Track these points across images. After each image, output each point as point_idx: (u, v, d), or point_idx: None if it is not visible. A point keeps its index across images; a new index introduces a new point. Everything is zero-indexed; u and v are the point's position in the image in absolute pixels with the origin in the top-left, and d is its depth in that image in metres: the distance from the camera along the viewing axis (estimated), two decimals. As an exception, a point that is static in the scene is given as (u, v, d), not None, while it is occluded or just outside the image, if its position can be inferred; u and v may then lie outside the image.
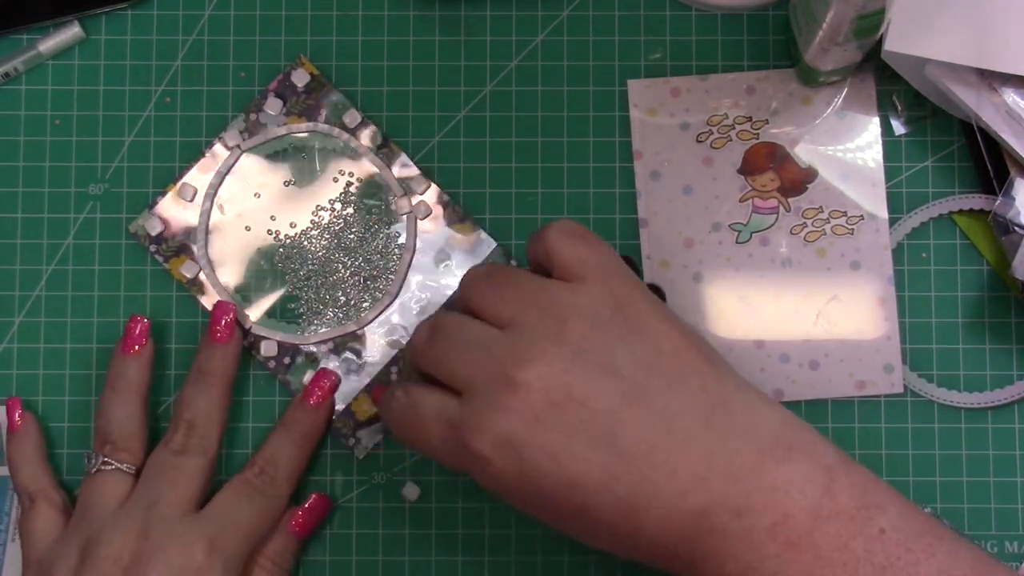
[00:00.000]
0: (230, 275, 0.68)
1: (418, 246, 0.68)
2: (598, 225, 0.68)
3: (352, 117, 0.68)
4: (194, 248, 0.68)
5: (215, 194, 0.68)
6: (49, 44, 0.69)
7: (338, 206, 0.69)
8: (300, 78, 0.69)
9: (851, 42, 0.62)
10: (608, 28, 0.69)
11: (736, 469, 0.51)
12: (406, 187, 0.68)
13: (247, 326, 0.67)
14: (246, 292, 0.68)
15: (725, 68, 0.69)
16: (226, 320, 0.66)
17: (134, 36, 0.70)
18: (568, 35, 0.70)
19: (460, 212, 0.68)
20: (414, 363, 0.58)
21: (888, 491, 0.53)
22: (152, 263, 0.68)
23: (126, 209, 0.69)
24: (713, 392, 0.53)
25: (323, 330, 0.68)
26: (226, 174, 0.68)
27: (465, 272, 0.58)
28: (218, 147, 0.69)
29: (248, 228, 0.69)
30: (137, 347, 0.65)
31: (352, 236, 0.68)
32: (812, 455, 0.52)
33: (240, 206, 0.69)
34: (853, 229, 0.68)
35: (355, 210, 0.69)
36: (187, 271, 0.68)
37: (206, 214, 0.68)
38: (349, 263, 0.68)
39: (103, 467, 0.63)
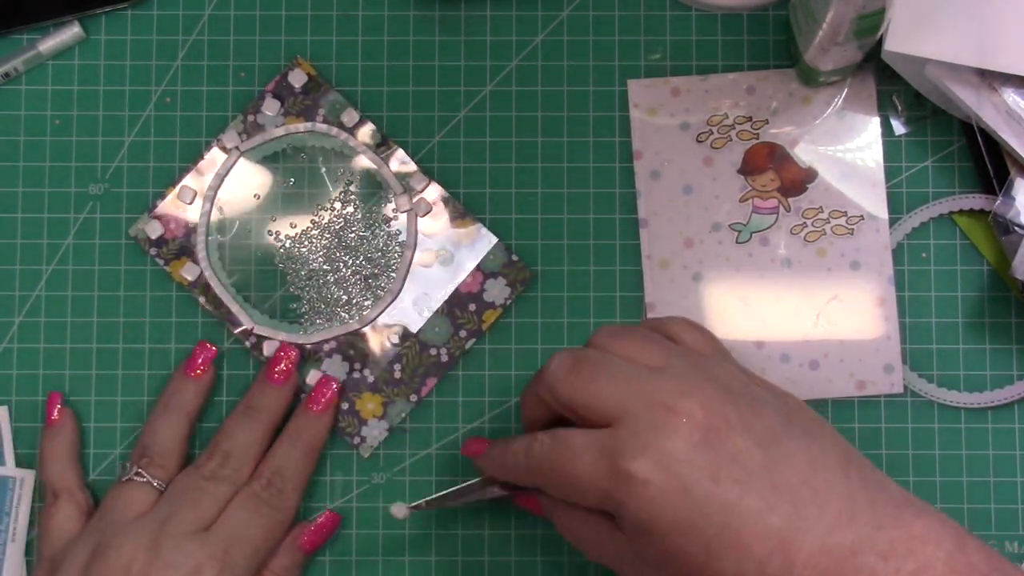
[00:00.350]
0: (231, 277, 0.68)
1: (419, 243, 0.68)
2: (598, 225, 0.68)
3: (350, 116, 0.68)
4: (195, 251, 0.68)
5: (214, 196, 0.68)
6: (49, 44, 0.69)
7: (338, 205, 0.69)
8: (297, 78, 0.69)
9: (851, 42, 0.62)
10: (608, 28, 0.69)
11: (878, 514, 0.53)
12: (406, 185, 0.68)
13: (249, 327, 0.67)
14: (247, 293, 0.68)
15: (725, 68, 0.69)
16: (286, 363, 0.66)
17: (134, 36, 0.70)
18: (568, 35, 0.70)
19: (460, 208, 0.68)
20: (552, 391, 0.57)
21: (1008, 562, 0.54)
22: (152, 263, 0.68)
23: (126, 209, 0.69)
24: (843, 446, 0.56)
25: (326, 329, 0.68)
26: (225, 176, 0.68)
27: (598, 328, 0.60)
28: (216, 149, 0.69)
29: (248, 229, 0.69)
30: (199, 371, 0.66)
31: (352, 235, 0.68)
32: (940, 516, 0.54)
33: (240, 208, 0.69)
34: (853, 229, 0.68)
35: (355, 209, 0.69)
36: (188, 273, 0.68)
37: (206, 216, 0.68)
38: (350, 262, 0.68)
39: (135, 477, 0.63)
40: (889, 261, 0.68)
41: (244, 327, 0.67)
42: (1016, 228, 0.65)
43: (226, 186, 0.68)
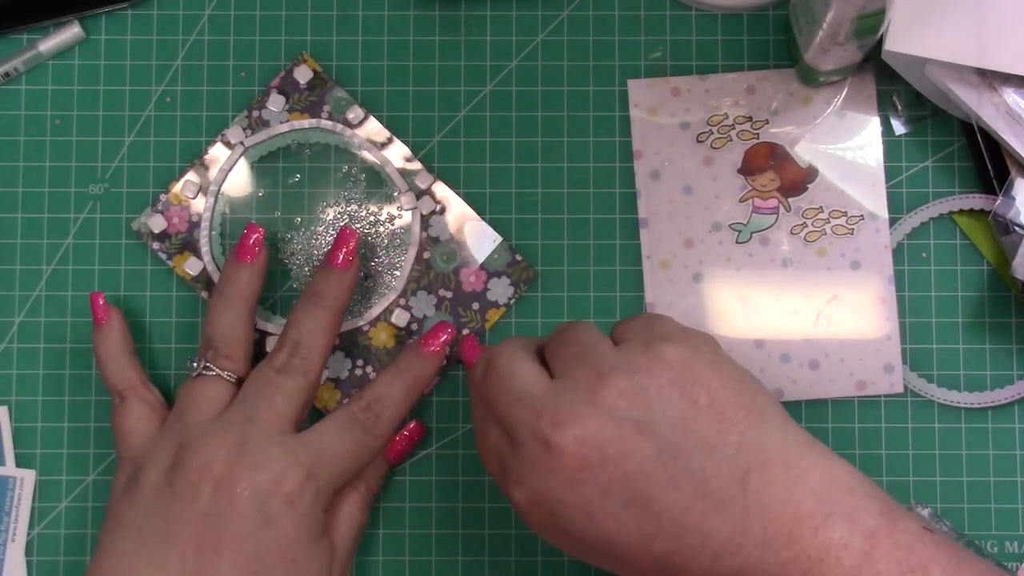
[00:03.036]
0: None
1: (422, 241, 0.68)
2: (598, 225, 0.68)
3: (355, 113, 0.68)
4: (198, 245, 0.68)
5: (218, 191, 0.68)
6: (49, 44, 0.69)
7: (342, 203, 0.69)
8: (303, 74, 0.69)
9: (851, 42, 0.62)
10: (608, 28, 0.69)
11: (771, 536, 0.51)
12: (410, 183, 0.68)
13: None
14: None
15: (725, 68, 0.69)
16: (347, 248, 0.64)
17: (134, 36, 0.70)
18: (568, 35, 0.70)
19: (465, 207, 0.68)
20: (475, 391, 0.59)
21: (936, 547, 0.51)
22: (153, 262, 0.68)
23: (126, 209, 0.69)
24: (751, 451, 0.52)
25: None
26: (229, 171, 0.68)
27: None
28: (220, 144, 0.68)
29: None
30: (250, 257, 0.64)
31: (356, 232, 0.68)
32: (852, 520, 0.51)
33: (244, 203, 0.69)
34: (853, 229, 0.68)
35: (359, 206, 0.69)
36: (191, 268, 0.68)
37: (209, 211, 0.68)
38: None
39: (204, 372, 0.62)
40: (889, 261, 0.68)
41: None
42: (1016, 228, 0.65)
43: (230, 181, 0.68)
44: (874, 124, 0.68)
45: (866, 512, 0.51)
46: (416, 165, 0.68)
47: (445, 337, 0.65)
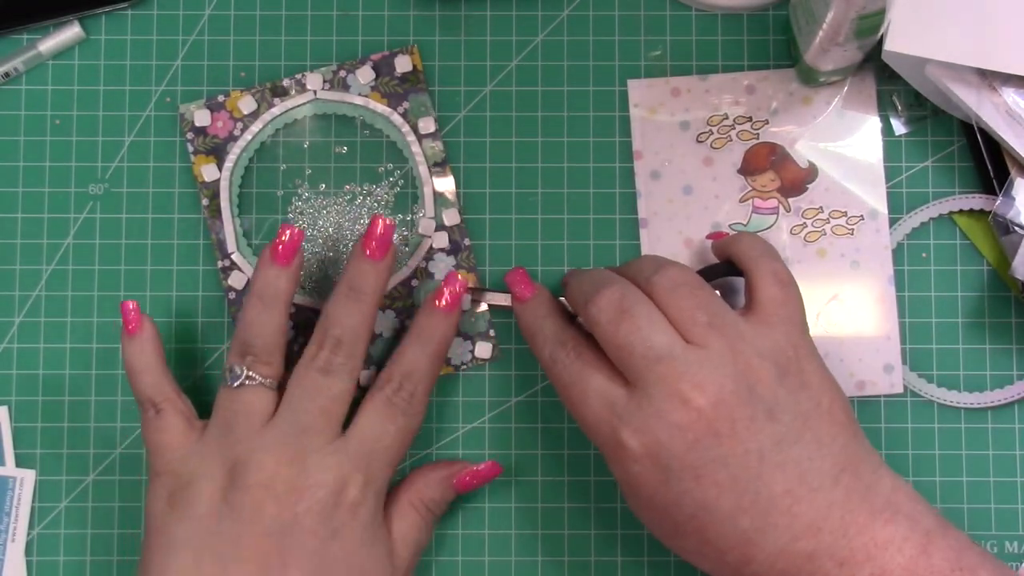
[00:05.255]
0: (241, 199, 0.68)
1: (417, 269, 0.68)
2: (598, 225, 0.68)
3: (427, 124, 0.68)
4: (225, 157, 0.68)
5: (271, 120, 0.68)
6: (49, 44, 0.69)
7: (368, 200, 0.68)
8: (402, 64, 0.68)
9: (851, 42, 0.62)
10: (608, 28, 0.69)
11: (848, 525, 0.56)
12: (439, 212, 0.68)
13: (230, 251, 0.67)
14: (247, 225, 0.68)
15: (725, 68, 0.69)
16: (382, 234, 0.62)
17: (134, 36, 0.70)
18: (568, 35, 0.70)
19: (472, 262, 0.68)
20: (592, 325, 0.59)
21: (982, 555, 0.57)
22: (153, 260, 0.68)
23: (126, 209, 0.69)
24: (850, 452, 0.57)
25: (295, 296, 0.67)
26: (290, 110, 0.68)
27: (659, 258, 0.61)
28: (293, 84, 0.68)
29: (282, 168, 0.69)
30: (286, 260, 0.62)
31: (365, 227, 0.68)
32: (914, 519, 0.56)
33: (286, 146, 0.69)
34: (853, 229, 0.68)
35: (382, 207, 0.68)
36: (207, 174, 0.68)
37: (252, 134, 0.68)
38: (351, 249, 0.68)
39: (247, 382, 0.60)
40: (889, 261, 0.68)
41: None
42: (1016, 228, 0.65)
43: (283, 120, 0.69)
44: (874, 124, 0.68)
45: (925, 515, 0.57)
46: (452, 199, 0.68)
47: (459, 288, 0.63)
